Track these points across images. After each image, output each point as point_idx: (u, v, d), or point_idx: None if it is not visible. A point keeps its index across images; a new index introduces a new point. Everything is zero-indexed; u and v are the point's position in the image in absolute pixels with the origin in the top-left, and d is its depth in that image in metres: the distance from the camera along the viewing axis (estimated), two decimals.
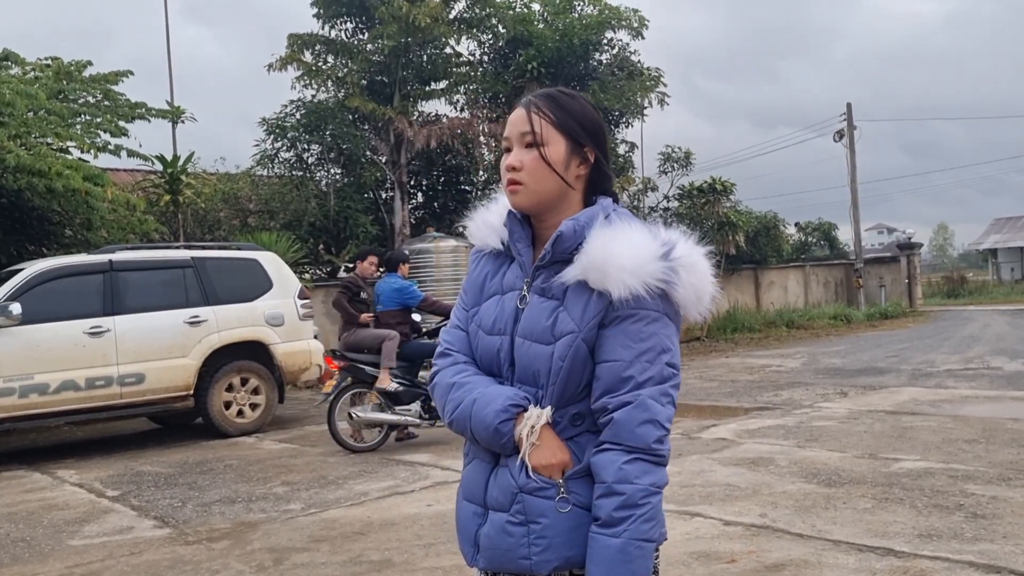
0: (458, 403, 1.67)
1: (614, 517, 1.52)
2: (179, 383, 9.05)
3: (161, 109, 14.68)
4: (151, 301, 9.05)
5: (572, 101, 1.70)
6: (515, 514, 1.61)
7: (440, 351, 1.79)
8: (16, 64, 13.10)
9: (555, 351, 1.60)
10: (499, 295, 1.73)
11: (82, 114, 12.86)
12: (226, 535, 5.38)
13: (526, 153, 1.66)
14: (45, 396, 8.31)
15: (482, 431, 1.63)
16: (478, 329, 1.74)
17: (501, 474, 1.65)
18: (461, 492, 1.78)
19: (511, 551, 1.62)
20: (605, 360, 1.58)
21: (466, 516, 1.73)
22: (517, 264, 1.72)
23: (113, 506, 6.39)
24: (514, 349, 1.66)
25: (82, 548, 5.27)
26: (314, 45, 17.82)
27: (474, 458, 1.75)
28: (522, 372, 1.65)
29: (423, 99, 18.70)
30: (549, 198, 1.68)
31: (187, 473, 7.47)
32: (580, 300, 1.60)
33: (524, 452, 1.59)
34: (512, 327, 1.67)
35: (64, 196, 10.72)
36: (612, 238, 1.59)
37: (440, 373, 1.76)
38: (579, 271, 1.59)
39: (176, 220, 15.23)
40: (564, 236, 1.63)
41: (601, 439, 1.58)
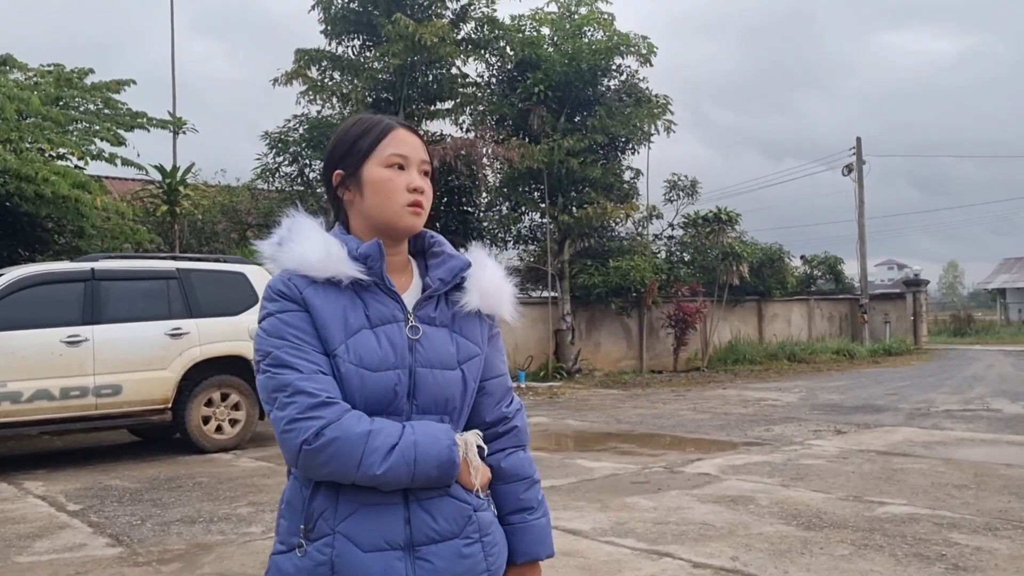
0: (388, 449, 1.52)
1: (541, 502, 1.77)
2: (157, 396, 8.88)
3: (162, 119, 14.65)
4: (132, 311, 8.90)
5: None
6: (469, 535, 1.63)
7: (318, 401, 1.52)
8: (17, 69, 13.08)
9: (465, 374, 1.66)
10: (367, 329, 1.60)
11: (79, 121, 12.81)
12: (178, 557, 5.19)
13: (424, 181, 1.69)
14: (17, 404, 8.15)
15: (432, 469, 1.56)
16: (358, 368, 1.57)
17: (437, 504, 1.60)
18: (353, 548, 1.55)
19: (472, 570, 1.63)
20: (493, 376, 1.74)
21: (382, 567, 1.55)
22: (384, 295, 1.64)
23: (71, 521, 6.20)
24: (415, 380, 1.61)
25: (27, 566, 5.08)
26: (321, 61, 17.80)
27: (359, 508, 1.56)
28: (428, 402, 1.62)
29: (428, 118, 18.62)
30: None
31: (155, 489, 7.28)
32: (473, 325, 1.71)
33: (476, 476, 1.63)
34: (409, 359, 1.61)
35: (54, 202, 10.63)
36: (494, 268, 1.76)
37: (336, 425, 1.51)
38: (477, 298, 1.70)
39: (173, 231, 15.14)
40: (463, 266, 1.72)
41: (506, 444, 1.74)
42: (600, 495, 6.71)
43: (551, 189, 18.70)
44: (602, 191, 19.12)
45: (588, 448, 9.18)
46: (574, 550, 5.18)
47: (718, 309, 20.42)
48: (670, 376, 18.30)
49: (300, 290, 1.60)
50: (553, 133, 18.30)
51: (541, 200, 19.20)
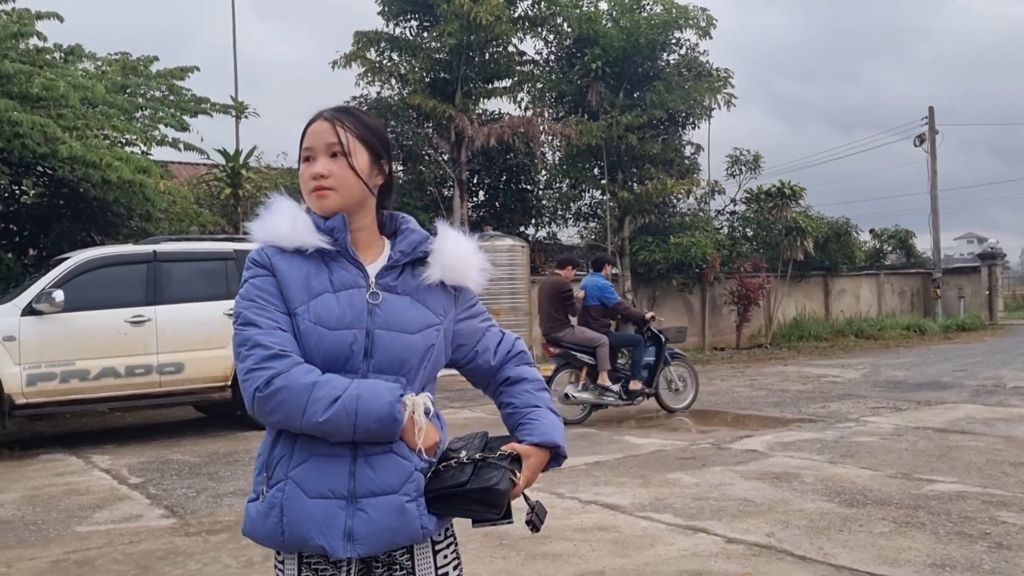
0: (331, 400, 1.67)
1: (552, 405, 1.94)
2: (217, 374, 9.16)
3: (224, 104, 14.98)
4: (192, 292, 9.18)
5: (368, 117, 1.90)
6: (409, 492, 1.73)
7: (271, 353, 1.70)
8: (86, 59, 13.50)
9: (423, 339, 1.80)
10: (330, 293, 1.77)
11: (145, 108, 13.18)
12: (227, 528, 5.38)
13: (332, 163, 1.79)
14: (86, 382, 8.50)
15: (372, 423, 1.68)
16: (316, 326, 1.75)
17: (381, 460, 1.72)
18: (299, 493, 1.71)
19: (405, 527, 1.73)
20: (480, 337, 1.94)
21: (324, 514, 1.70)
22: (348, 263, 1.81)
23: (130, 493, 6.48)
24: (372, 340, 1.75)
25: (86, 535, 5.33)
26: (379, 42, 17.96)
27: (311, 456, 1.72)
28: (384, 361, 1.76)
29: (485, 97, 18.67)
30: (355, 203, 1.82)
31: (213, 463, 7.54)
32: (436, 296, 1.86)
33: (419, 437, 1.74)
34: (367, 320, 1.76)
35: (120, 187, 10.99)
36: (458, 242, 1.89)
37: (286, 375, 1.68)
38: (439, 271, 1.85)
39: (236, 213, 15.52)
40: (423, 240, 1.87)
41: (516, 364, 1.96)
42: (643, 471, 6.72)
43: (610, 166, 18.59)
44: (662, 167, 18.94)
45: (638, 425, 9.17)
46: (610, 524, 5.21)
47: (782, 285, 20.09)
48: (732, 353, 18.10)
49: (269, 258, 1.80)
50: (611, 109, 18.16)
51: (600, 177, 19.10)
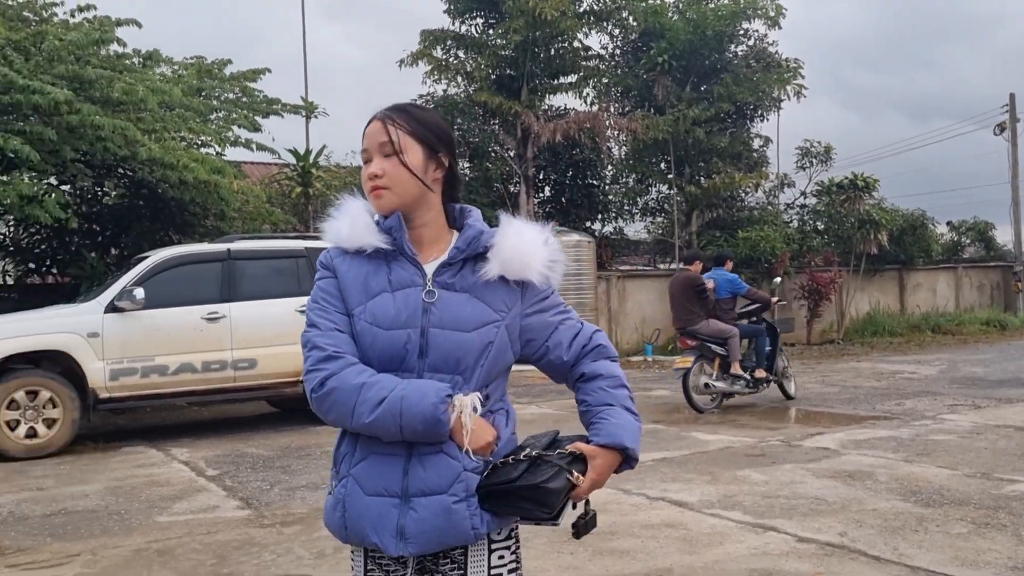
0: (378, 402, 1.70)
1: (628, 403, 1.85)
2: (289, 369, 9.34)
3: (295, 105, 15.26)
4: (265, 289, 9.38)
5: (423, 112, 1.89)
6: (457, 493, 1.72)
7: (325, 355, 1.76)
8: (163, 63, 13.89)
9: (480, 337, 1.77)
10: (388, 292, 1.80)
11: (219, 110, 13.51)
12: (299, 520, 5.51)
13: (387, 162, 1.80)
14: (164, 377, 8.77)
15: (418, 424, 1.69)
16: (372, 326, 1.78)
17: (431, 460, 1.73)
18: (358, 490, 1.76)
19: (455, 527, 1.72)
20: (553, 331, 1.88)
21: (378, 511, 1.74)
22: (407, 262, 1.82)
23: (208, 485, 6.67)
24: (427, 340, 1.75)
25: (166, 524, 5.51)
26: (445, 40, 18.10)
27: (369, 455, 1.77)
28: (438, 360, 1.75)
29: (551, 93, 18.66)
30: (411, 200, 1.82)
31: (286, 457, 7.72)
32: (497, 292, 1.82)
33: (466, 438, 1.72)
34: (422, 319, 1.76)
35: (196, 187, 11.30)
36: (520, 234, 1.84)
37: (337, 376, 1.73)
38: (499, 266, 1.81)
39: (307, 211, 15.81)
40: (481, 235, 1.84)
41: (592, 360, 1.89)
42: (712, 467, 6.66)
43: (677, 160, 18.42)
44: (730, 160, 18.69)
45: (706, 421, 9.09)
46: (677, 521, 5.19)
47: (855, 279, 19.64)
48: (802, 348, 17.77)
49: (332, 259, 1.87)
50: (678, 103, 18.00)
51: (667, 172, 18.94)
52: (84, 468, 7.60)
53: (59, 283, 13.14)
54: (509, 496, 1.72)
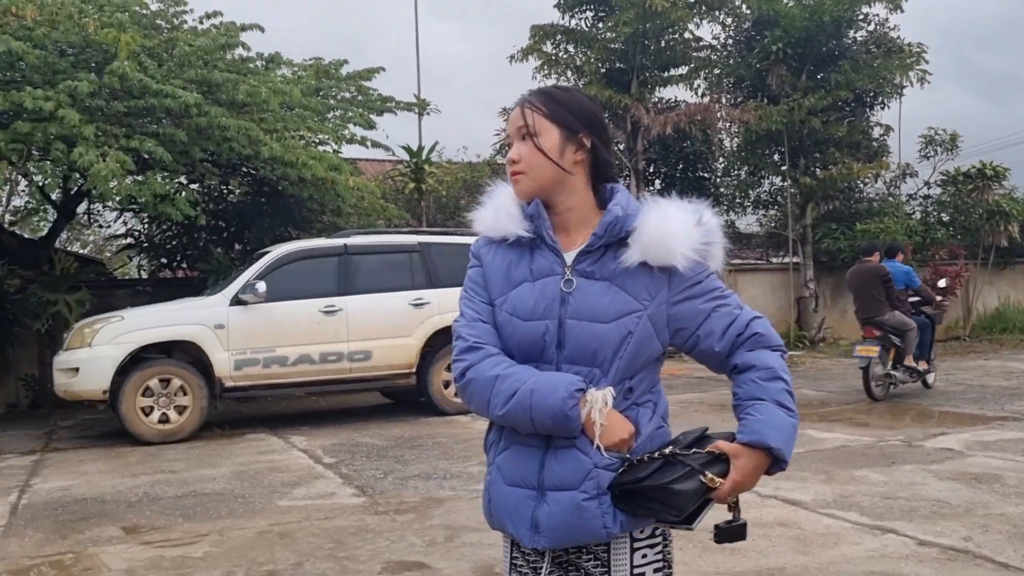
0: (510, 394, 1.69)
1: (783, 398, 1.71)
2: (402, 361, 9.60)
3: (408, 102, 15.56)
4: (380, 283, 9.66)
5: (564, 94, 1.82)
6: (588, 490, 1.68)
7: (466, 346, 1.78)
8: (284, 65, 14.41)
9: (619, 328, 1.70)
10: (529, 282, 1.77)
11: (336, 109, 13.92)
12: (412, 508, 5.67)
13: (523, 146, 1.77)
14: (284, 367, 9.14)
15: (547, 419, 1.66)
16: (512, 317, 1.76)
17: (564, 455, 1.70)
18: (500, 479, 1.79)
19: (585, 525, 1.69)
20: (704, 319, 1.75)
21: (515, 501, 1.75)
22: (548, 250, 1.77)
23: (325, 472, 6.93)
24: (563, 331, 1.71)
25: (286, 509, 5.76)
26: (554, 35, 18.10)
27: (512, 444, 1.77)
28: (575, 352, 1.71)
29: (661, 85, 18.43)
30: (548, 185, 1.77)
31: (399, 447, 7.93)
32: (639, 279, 1.73)
33: (596, 434, 1.67)
34: (559, 310, 1.72)
35: (314, 184, 11.69)
36: (662, 217, 1.73)
37: (475, 367, 1.75)
38: (639, 252, 1.72)
39: (419, 207, 16.13)
40: (619, 220, 1.74)
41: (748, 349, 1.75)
42: (827, 466, 6.51)
43: (791, 151, 17.93)
44: (847, 150, 18.06)
45: (821, 418, 8.86)
46: (791, 520, 5.10)
47: (982, 273, 18.71)
48: None
49: (479, 248, 1.87)
50: (793, 92, 17.51)
51: (781, 163, 18.46)
52: (211, 453, 8.00)
53: (188, 277, 13.83)
54: (637, 496, 1.66)
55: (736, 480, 1.66)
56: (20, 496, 6.46)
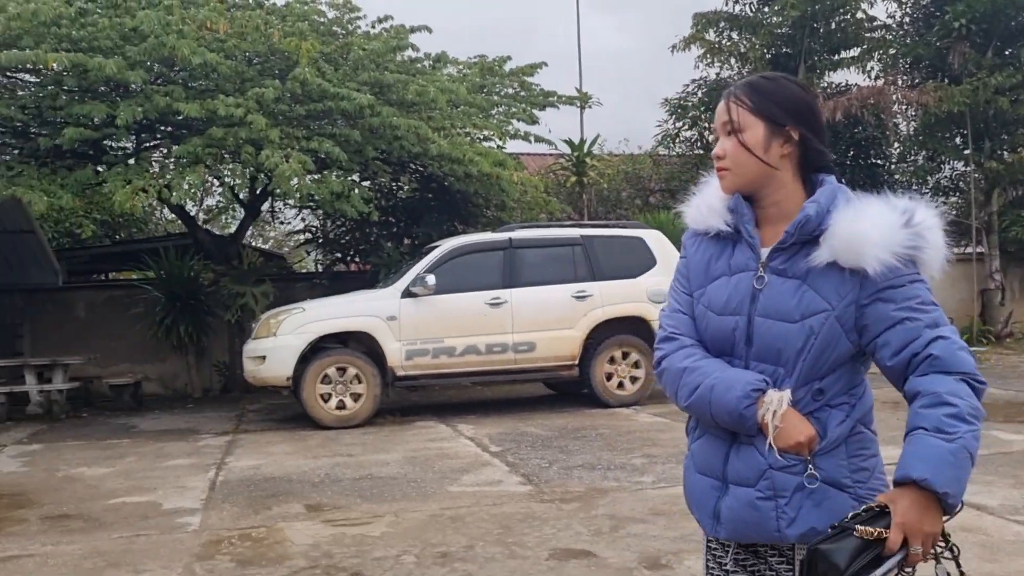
0: (693, 388, 1.73)
1: (945, 424, 1.55)
2: (565, 353, 9.74)
3: (569, 96, 15.68)
4: (543, 276, 9.82)
5: (771, 84, 1.77)
6: (762, 489, 1.68)
7: (664, 335, 1.84)
8: (450, 64, 14.84)
9: (803, 329, 1.66)
10: (727, 276, 1.77)
11: (500, 105, 14.22)
12: (577, 498, 5.77)
13: (728, 141, 1.76)
14: (452, 358, 9.45)
15: (724, 415, 1.69)
16: (707, 311, 1.78)
17: (745, 451, 1.71)
18: (692, 465, 1.84)
19: (759, 524, 1.69)
20: (887, 327, 1.65)
21: (702, 489, 1.80)
22: (746, 246, 1.77)
23: (492, 460, 7.15)
24: (752, 328, 1.71)
25: (456, 494, 6.00)
26: (717, 23, 17.76)
27: (704, 433, 1.81)
28: (761, 350, 1.70)
29: (831, 69, 17.75)
30: (754, 181, 1.75)
31: (562, 437, 8.07)
32: (830, 279, 1.67)
33: (770, 435, 1.65)
34: (749, 307, 1.72)
35: (479, 180, 12.01)
36: (856, 217, 1.66)
37: (669, 358, 1.81)
38: (829, 252, 1.66)
39: (581, 200, 16.23)
40: (810, 219, 1.68)
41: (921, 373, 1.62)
42: (1016, 470, 6.15)
43: (975, 133, 16.84)
44: None
45: (1009, 419, 8.33)
46: (976, 526, 4.86)
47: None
48: None
49: (686, 241, 1.89)
50: (977, 71, 16.43)
51: (963, 147, 17.37)
52: (385, 439, 8.40)
53: (361, 270, 14.51)
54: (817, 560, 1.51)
55: (900, 523, 1.50)
56: (217, 473, 7.02)
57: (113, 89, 10.28)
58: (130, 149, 11.84)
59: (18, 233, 12.36)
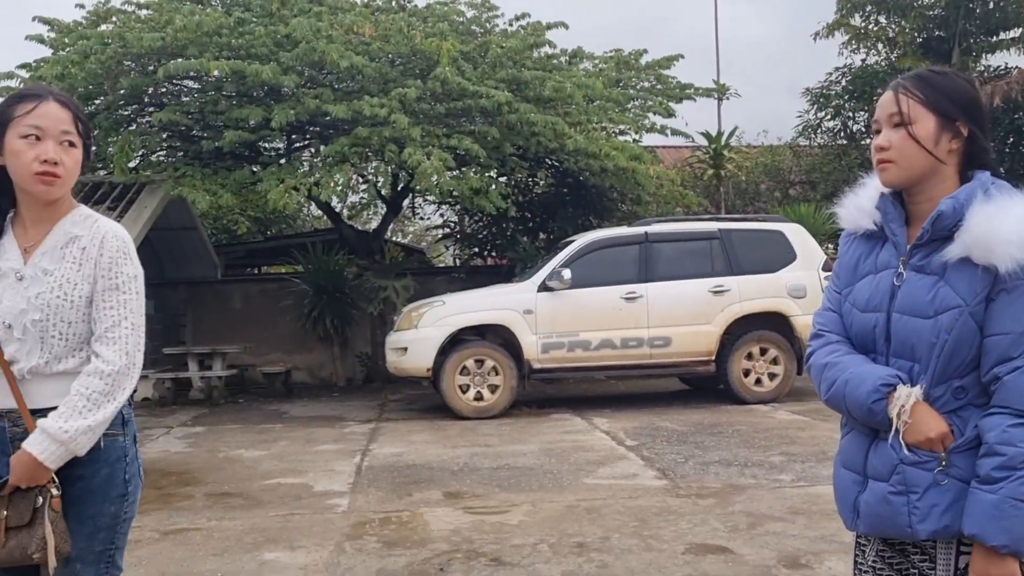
0: (831, 383, 1.79)
1: (992, 476, 1.59)
2: (702, 348, 9.66)
3: (707, 88, 15.46)
4: (680, 270, 9.77)
5: (942, 78, 1.76)
6: (895, 484, 1.71)
7: (813, 332, 1.91)
8: (586, 59, 14.89)
9: (937, 325, 1.67)
10: (873, 274, 1.81)
11: (636, 99, 14.17)
12: (714, 494, 5.76)
13: (894, 133, 1.75)
14: (587, 352, 9.54)
15: (856, 409, 1.74)
16: (852, 308, 1.83)
17: (881, 446, 1.74)
18: (839, 460, 1.89)
19: (891, 518, 1.72)
20: (993, 333, 1.64)
21: (845, 483, 1.84)
22: (891, 244, 1.80)
23: (627, 454, 7.20)
24: (890, 324, 1.74)
25: (592, 486, 6.09)
26: (864, 7, 17.06)
27: (851, 430, 1.85)
28: (898, 347, 1.73)
29: (988, 52, 16.77)
30: (919, 175, 1.75)
31: (698, 433, 8.02)
32: (963, 276, 1.66)
33: (899, 430, 1.68)
34: (888, 304, 1.75)
35: (615, 174, 12.03)
36: (993, 214, 1.64)
37: (815, 354, 1.87)
38: (961, 248, 1.66)
39: (718, 193, 15.99)
40: (944, 215, 1.69)
41: (991, 403, 1.64)
42: None
43: None
44: None
45: None
46: None
47: None
48: None
49: (841, 240, 1.95)
50: None
51: None
52: (521, 430, 8.57)
53: (497, 265, 14.79)
54: None
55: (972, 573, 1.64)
56: (362, 459, 7.36)
57: (267, 93, 10.87)
58: (282, 149, 12.50)
59: (182, 230, 13.28)
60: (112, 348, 2.07)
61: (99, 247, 2.11)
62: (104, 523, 2.11)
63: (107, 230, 2.14)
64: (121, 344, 2.08)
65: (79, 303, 2.08)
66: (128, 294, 2.11)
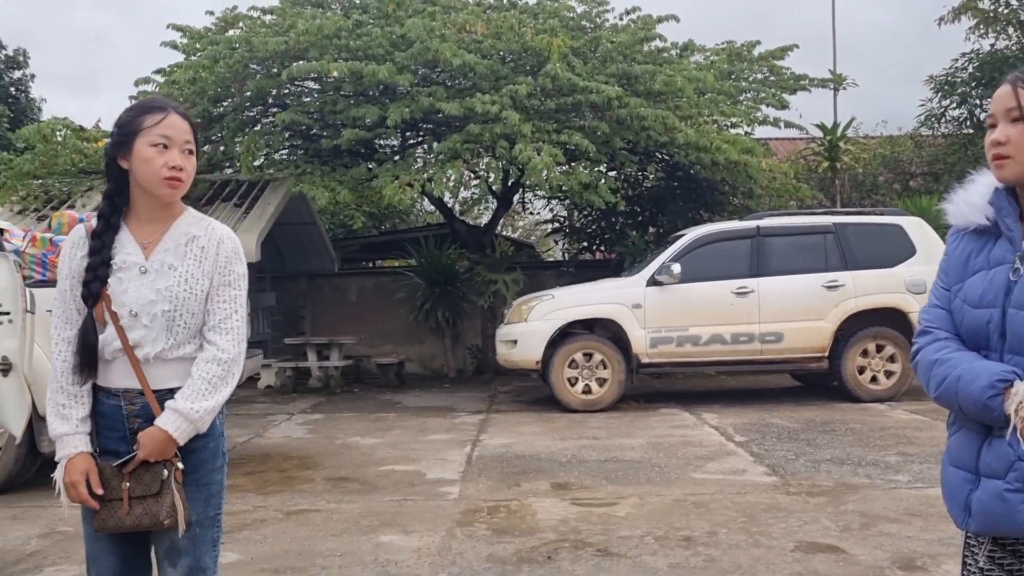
0: (942, 379, 1.77)
1: None
2: (814, 345, 9.48)
3: (822, 78, 15.07)
4: (792, 265, 9.60)
5: None
6: (1011, 481, 1.68)
7: (920, 329, 1.89)
8: (696, 52, 14.74)
9: None
10: (985, 270, 1.79)
11: (748, 91, 13.95)
12: (825, 492, 5.68)
13: (1012, 128, 1.72)
14: (697, 347, 9.49)
15: (969, 405, 1.71)
16: (963, 304, 1.80)
17: (996, 443, 1.71)
18: (948, 459, 1.87)
19: (1008, 516, 1.69)
20: None
21: (955, 482, 1.82)
22: (1005, 239, 1.77)
23: (736, 450, 7.16)
24: (1005, 320, 1.72)
25: (700, 481, 6.10)
26: None
27: (961, 427, 1.83)
28: (1015, 342, 1.70)
29: None
30: None
31: (809, 430, 7.90)
32: None
33: (1017, 426, 1.66)
34: (1003, 299, 1.73)
35: (726, 168, 11.89)
36: None
37: (923, 351, 1.85)
38: None
39: (833, 186, 15.57)
40: None
41: None
42: None
43: None
44: None
45: None
46: None
47: None
48: None
49: (949, 237, 1.93)
50: None
51: None
52: (628, 424, 8.61)
53: (606, 259, 14.81)
54: None
55: None
56: (473, 448, 7.55)
57: (383, 92, 11.21)
58: (396, 147, 12.86)
59: (302, 224, 13.84)
60: (226, 337, 2.30)
61: (216, 247, 2.33)
62: (215, 490, 2.36)
63: (223, 232, 2.38)
64: (234, 334, 2.31)
65: (200, 296, 2.30)
66: (238, 290, 2.35)
